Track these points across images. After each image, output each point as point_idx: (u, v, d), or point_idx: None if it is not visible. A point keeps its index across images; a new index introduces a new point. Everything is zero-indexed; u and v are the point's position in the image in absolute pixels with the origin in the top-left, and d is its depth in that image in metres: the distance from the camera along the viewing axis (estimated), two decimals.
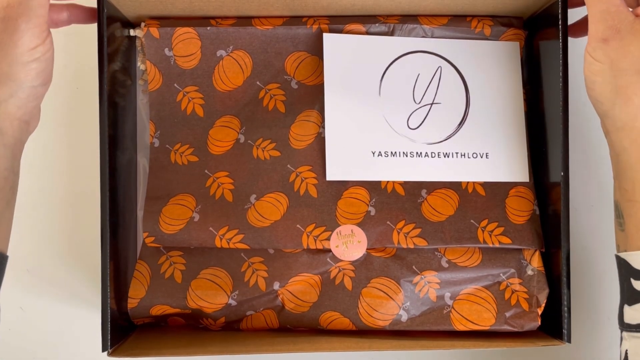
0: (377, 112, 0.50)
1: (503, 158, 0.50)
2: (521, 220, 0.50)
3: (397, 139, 0.50)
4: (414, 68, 0.50)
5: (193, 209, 0.50)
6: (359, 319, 0.49)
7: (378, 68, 0.50)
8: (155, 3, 0.49)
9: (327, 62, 0.49)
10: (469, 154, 0.50)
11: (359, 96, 0.50)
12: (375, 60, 0.50)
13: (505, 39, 0.52)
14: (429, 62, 0.51)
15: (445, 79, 0.50)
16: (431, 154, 0.50)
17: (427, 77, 0.50)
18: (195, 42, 0.51)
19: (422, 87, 0.50)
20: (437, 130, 0.50)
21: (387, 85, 0.50)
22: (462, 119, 0.50)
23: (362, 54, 0.50)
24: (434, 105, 0.50)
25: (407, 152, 0.49)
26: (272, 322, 0.50)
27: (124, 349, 0.47)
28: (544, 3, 0.49)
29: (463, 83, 0.50)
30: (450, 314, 0.49)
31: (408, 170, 0.49)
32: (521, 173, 0.50)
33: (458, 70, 0.50)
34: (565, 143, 0.47)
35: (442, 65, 0.50)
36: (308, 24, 0.52)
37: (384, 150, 0.49)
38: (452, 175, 0.50)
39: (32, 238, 0.55)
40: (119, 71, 0.50)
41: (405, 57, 0.50)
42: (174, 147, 0.51)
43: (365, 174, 0.49)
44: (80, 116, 0.55)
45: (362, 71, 0.50)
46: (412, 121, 0.50)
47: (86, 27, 0.55)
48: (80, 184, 0.55)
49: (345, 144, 0.49)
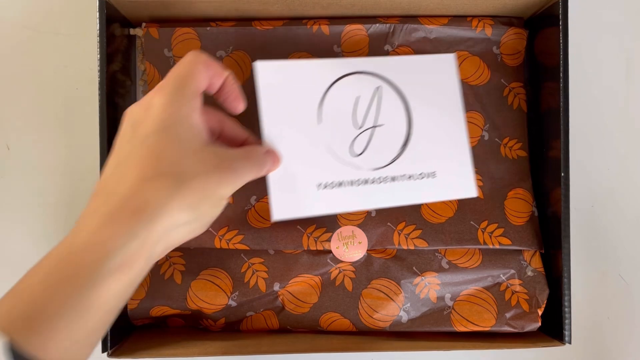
0: (319, 141, 0.47)
1: (449, 175, 0.48)
2: (520, 221, 0.50)
3: (342, 168, 0.47)
4: (353, 91, 0.47)
5: None
6: (359, 320, 0.49)
7: (315, 95, 0.47)
8: (155, 4, 0.49)
9: (262, 93, 0.46)
10: (416, 175, 0.48)
11: (298, 127, 0.46)
12: (311, 86, 0.47)
13: (507, 39, 0.52)
14: (367, 83, 0.48)
15: (386, 99, 0.48)
16: (378, 180, 0.47)
17: (366, 99, 0.48)
18: (195, 43, 0.51)
19: (362, 110, 0.48)
20: (382, 153, 0.48)
21: (326, 112, 0.47)
22: (406, 139, 0.48)
23: (297, 80, 0.47)
24: (376, 128, 0.48)
25: (353, 180, 0.47)
26: (272, 323, 0.50)
27: (124, 350, 0.46)
28: (544, 3, 0.49)
29: (403, 102, 0.48)
30: (450, 314, 0.49)
31: (356, 200, 0.47)
32: (468, 188, 0.48)
33: (397, 89, 0.48)
34: (565, 143, 0.47)
35: (382, 85, 0.48)
36: (308, 25, 0.51)
37: (329, 182, 0.47)
38: (401, 199, 0.47)
39: (32, 238, 0.55)
40: (119, 71, 0.50)
41: (342, 81, 0.47)
42: None
43: (311, 209, 0.46)
44: (80, 116, 0.55)
45: (299, 99, 0.47)
46: (356, 147, 0.47)
47: (86, 27, 0.55)
48: (80, 184, 0.55)
49: (288, 181, 0.46)
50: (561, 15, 0.46)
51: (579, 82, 0.56)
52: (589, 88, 0.56)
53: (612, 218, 0.56)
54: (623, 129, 0.56)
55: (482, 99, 0.52)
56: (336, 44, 0.52)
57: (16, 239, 0.55)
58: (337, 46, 0.52)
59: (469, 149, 0.49)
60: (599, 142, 0.56)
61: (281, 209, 0.46)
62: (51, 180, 0.55)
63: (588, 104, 0.56)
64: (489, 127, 0.51)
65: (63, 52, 0.55)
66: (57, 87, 0.55)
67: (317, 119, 0.47)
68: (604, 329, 0.56)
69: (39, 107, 0.55)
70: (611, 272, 0.56)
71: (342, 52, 0.52)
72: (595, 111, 0.56)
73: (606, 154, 0.56)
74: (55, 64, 0.56)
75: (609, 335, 0.55)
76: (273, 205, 0.45)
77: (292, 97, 0.47)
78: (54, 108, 0.55)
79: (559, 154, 0.47)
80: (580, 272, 0.55)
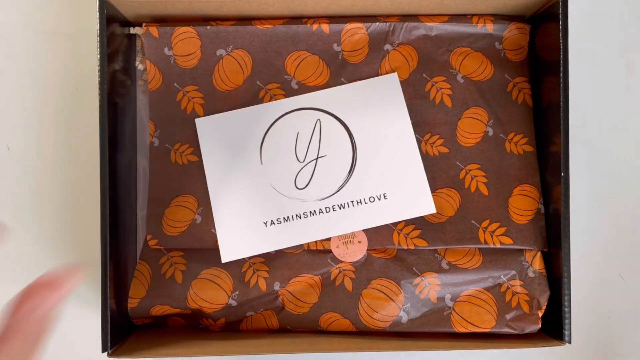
0: (262, 180, 0.49)
1: (402, 194, 0.49)
2: (524, 219, 0.50)
3: (287, 203, 0.49)
4: (292, 128, 0.49)
5: (195, 210, 0.50)
6: (359, 320, 0.49)
7: (255, 138, 0.49)
8: (155, 3, 0.48)
9: (203, 146, 0.49)
10: (365, 199, 0.49)
11: (241, 170, 0.49)
12: (250, 131, 0.49)
13: (510, 34, 0.52)
14: (306, 118, 0.49)
15: (327, 130, 0.49)
16: (325, 209, 0.49)
17: (307, 133, 0.49)
18: (195, 42, 0.51)
19: (303, 144, 0.49)
20: (327, 183, 0.49)
21: (268, 152, 0.49)
22: (351, 166, 0.49)
23: (236, 128, 0.49)
24: (319, 160, 0.49)
25: (299, 214, 0.48)
26: (272, 323, 0.50)
27: (124, 350, 0.47)
28: (545, 3, 0.49)
29: (345, 129, 0.49)
30: (450, 315, 0.49)
31: (305, 232, 0.48)
32: (425, 205, 0.49)
33: (337, 118, 0.49)
34: (565, 143, 0.46)
35: (321, 118, 0.49)
36: (308, 23, 0.51)
37: (275, 218, 0.48)
38: (352, 225, 0.48)
39: (32, 238, 0.55)
40: (119, 71, 0.50)
41: (280, 121, 0.50)
42: (174, 147, 0.51)
43: (260, 247, 0.48)
44: (80, 116, 0.55)
45: (240, 145, 0.49)
46: (300, 181, 0.49)
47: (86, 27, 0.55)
48: (80, 184, 0.55)
49: (235, 222, 0.48)
50: (561, 15, 0.46)
51: (579, 82, 0.56)
52: (590, 88, 0.56)
53: (612, 218, 0.56)
54: (623, 129, 0.56)
55: (486, 95, 0.51)
56: (336, 43, 0.52)
57: (16, 239, 0.55)
58: (337, 45, 0.52)
59: (421, 165, 0.49)
60: (599, 142, 0.56)
61: (229, 250, 0.48)
62: (51, 180, 0.55)
63: (588, 104, 0.56)
64: (493, 123, 0.51)
65: (63, 52, 0.55)
66: (57, 87, 0.55)
67: (259, 160, 0.49)
68: (604, 329, 0.56)
69: (39, 107, 0.55)
70: (611, 272, 0.56)
71: (342, 51, 0.52)
72: (596, 111, 0.56)
73: (606, 154, 0.56)
74: (55, 64, 0.55)
75: (609, 335, 0.55)
76: (221, 248, 0.48)
77: (232, 144, 0.49)
78: (54, 108, 0.55)
79: (558, 151, 0.47)
80: (580, 272, 0.55)
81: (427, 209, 0.49)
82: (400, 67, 0.51)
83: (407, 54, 0.52)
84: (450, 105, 0.51)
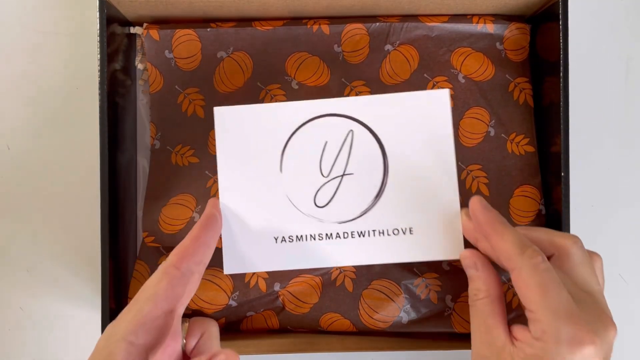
0: (279, 191, 0.44)
1: (430, 232, 0.43)
2: (525, 221, 0.50)
3: (303, 221, 0.44)
4: (320, 135, 0.44)
5: (193, 209, 0.50)
6: (360, 320, 0.49)
7: (278, 141, 0.44)
8: (155, 3, 0.49)
9: (218, 140, 0.44)
10: (389, 230, 0.44)
11: (258, 176, 0.44)
12: (274, 132, 0.44)
13: (511, 34, 0.52)
14: (337, 127, 0.44)
15: (358, 144, 0.44)
16: (343, 235, 0.44)
17: (336, 144, 0.44)
18: (196, 44, 0.51)
19: (330, 156, 0.44)
20: (350, 206, 0.44)
21: (290, 159, 0.44)
22: (380, 190, 0.44)
23: (259, 126, 0.44)
24: (345, 177, 0.44)
25: (314, 234, 0.44)
26: (272, 323, 0.50)
27: None
28: (545, 2, 0.49)
29: (379, 146, 0.44)
30: (451, 316, 0.49)
31: (318, 256, 0.44)
32: (453, 248, 0.43)
33: (372, 132, 0.44)
34: (565, 143, 0.46)
35: (354, 129, 0.44)
36: (308, 25, 0.51)
37: (287, 235, 0.44)
38: (369, 257, 0.44)
39: (32, 238, 0.55)
40: (119, 71, 0.50)
41: (308, 125, 0.44)
42: (175, 149, 0.51)
43: (267, 265, 0.44)
44: (80, 116, 0.55)
45: (260, 146, 0.44)
46: (320, 198, 0.44)
47: (86, 27, 0.55)
48: (80, 184, 0.55)
49: (243, 232, 0.43)
50: (561, 15, 0.46)
51: (580, 82, 0.56)
52: (590, 88, 0.56)
53: (612, 218, 0.56)
54: (624, 128, 0.56)
55: (487, 95, 0.51)
56: (336, 44, 0.52)
57: (16, 239, 0.55)
58: (338, 46, 0.52)
59: (458, 202, 0.43)
60: (599, 142, 0.56)
61: (233, 263, 0.44)
62: (51, 180, 0.55)
63: (588, 104, 0.56)
64: (495, 123, 0.51)
65: (63, 52, 0.55)
66: (57, 87, 0.55)
67: (279, 167, 0.44)
68: None
69: (39, 107, 0.55)
70: (611, 272, 0.56)
71: (342, 51, 0.52)
72: (596, 110, 0.56)
73: (606, 154, 0.56)
74: (55, 64, 0.56)
75: None
76: (224, 257, 0.44)
77: (252, 143, 0.44)
78: (54, 108, 0.55)
79: (559, 151, 0.47)
80: None
81: (454, 253, 0.43)
82: (401, 67, 0.51)
83: (408, 54, 0.52)
84: (452, 105, 0.51)
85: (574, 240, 0.40)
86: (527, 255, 0.37)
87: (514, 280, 0.37)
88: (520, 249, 0.37)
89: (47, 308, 0.55)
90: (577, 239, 0.40)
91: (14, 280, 0.55)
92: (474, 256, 0.41)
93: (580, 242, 0.40)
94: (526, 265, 0.36)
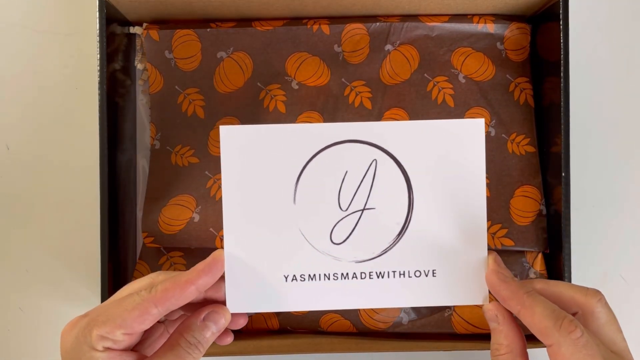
0: (291, 224, 0.40)
1: (455, 275, 0.40)
2: (525, 221, 0.50)
3: (317, 258, 0.40)
4: (340, 164, 0.40)
5: (193, 209, 0.50)
6: (360, 321, 0.49)
7: (292, 168, 0.39)
8: (155, 4, 0.48)
9: (225, 160, 0.39)
10: (410, 272, 0.40)
11: (268, 206, 0.39)
12: (288, 157, 0.39)
13: (511, 34, 0.52)
14: (360, 155, 0.40)
15: (382, 175, 0.40)
16: (360, 275, 0.40)
17: (357, 175, 0.40)
18: (196, 44, 0.51)
19: (350, 188, 0.40)
20: (369, 244, 0.40)
21: (305, 189, 0.40)
22: (403, 228, 0.40)
23: (271, 149, 0.39)
24: (365, 212, 0.40)
25: (328, 274, 0.40)
26: (272, 324, 0.50)
27: None
28: (545, 2, 0.49)
29: (405, 179, 0.40)
30: (451, 316, 0.49)
31: (331, 298, 0.40)
32: (478, 292, 0.40)
33: (399, 163, 0.40)
34: (566, 143, 0.46)
35: (378, 158, 0.40)
36: (308, 25, 0.51)
37: (299, 274, 0.40)
38: (387, 300, 0.40)
39: (32, 238, 0.55)
40: (119, 71, 0.50)
41: (327, 151, 0.40)
42: (175, 149, 0.51)
43: (274, 305, 0.40)
44: (80, 116, 0.55)
45: (272, 173, 0.39)
46: (337, 234, 0.40)
47: (86, 27, 0.55)
48: (80, 184, 0.55)
49: (249, 268, 0.39)
50: (562, 14, 0.46)
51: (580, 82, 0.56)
52: (590, 88, 0.56)
53: (612, 218, 0.56)
54: (624, 128, 0.56)
55: (488, 95, 0.51)
56: (336, 44, 0.52)
57: (16, 239, 0.55)
58: (338, 46, 0.52)
59: (485, 246, 0.40)
60: (600, 142, 0.56)
61: (237, 301, 0.39)
62: (51, 180, 0.55)
63: (588, 104, 0.56)
64: (495, 123, 0.51)
65: (63, 52, 0.55)
66: (57, 87, 0.55)
67: (292, 197, 0.40)
68: None
69: (39, 107, 0.55)
70: (611, 272, 0.56)
71: (342, 51, 0.52)
72: (596, 110, 0.56)
73: (606, 154, 0.56)
74: (55, 64, 0.55)
75: None
76: (227, 296, 0.39)
77: (263, 169, 0.39)
78: (54, 108, 0.55)
79: (559, 151, 0.47)
80: (580, 272, 0.55)
81: (478, 298, 0.40)
82: (402, 67, 0.51)
83: (409, 54, 0.52)
84: (452, 105, 0.51)
85: (598, 297, 0.38)
86: (564, 330, 0.34)
87: (551, 354, 0.35)
88: (555, 322, 0.35)
89: (47, 308, 0.55)
90: (600, 295, 0.38)
91: (14, 280, 0.55)
92: (495, 309, 0.39)
93: (604, 298, 0.38)
94: (565, 341, 0.34)
